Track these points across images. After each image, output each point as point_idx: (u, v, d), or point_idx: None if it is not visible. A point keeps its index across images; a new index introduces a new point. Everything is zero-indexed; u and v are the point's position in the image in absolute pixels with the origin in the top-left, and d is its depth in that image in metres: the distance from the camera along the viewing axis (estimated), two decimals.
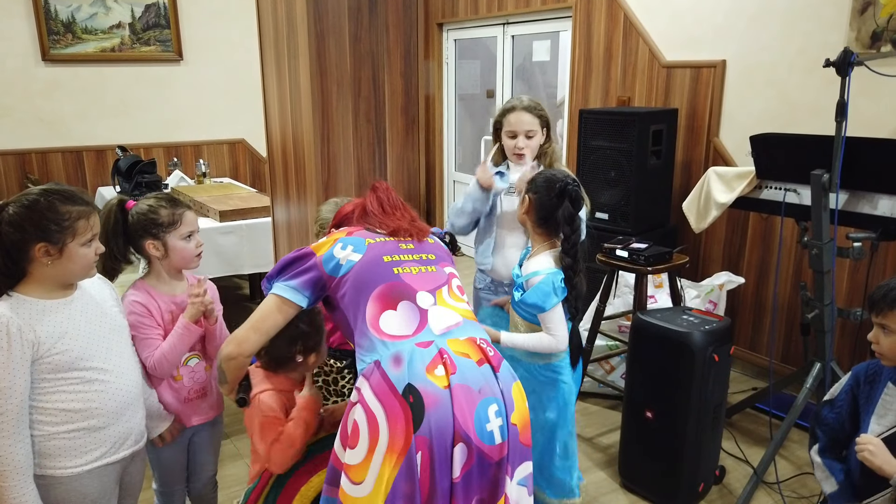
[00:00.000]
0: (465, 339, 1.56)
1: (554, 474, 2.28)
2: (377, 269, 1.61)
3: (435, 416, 1.40)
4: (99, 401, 1.65)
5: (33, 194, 1.58)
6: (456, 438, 1.42)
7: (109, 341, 1.71)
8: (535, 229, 2.14)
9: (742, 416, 3.28)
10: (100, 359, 1.66)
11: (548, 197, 2.07)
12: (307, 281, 1.63)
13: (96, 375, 1.65)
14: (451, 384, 1.44)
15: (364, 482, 1.41)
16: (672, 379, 2.50)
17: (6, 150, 5.47)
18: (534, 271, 2.07)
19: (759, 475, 2.64)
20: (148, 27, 5.78)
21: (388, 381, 1.45)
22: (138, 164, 4.50)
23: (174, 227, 1.94)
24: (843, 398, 1.82)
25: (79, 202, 1.61)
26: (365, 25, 2.55)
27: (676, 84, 3.93)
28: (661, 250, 3.07)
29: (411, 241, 1.72)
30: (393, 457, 1.39)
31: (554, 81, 5.32)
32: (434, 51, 6.09)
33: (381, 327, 1.55)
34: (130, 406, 1.74)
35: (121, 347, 1.75)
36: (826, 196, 2.49)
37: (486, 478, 1.47)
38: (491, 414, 1.46)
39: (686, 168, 3.95)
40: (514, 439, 1.51)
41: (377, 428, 1.42)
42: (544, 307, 2.03)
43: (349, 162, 2.64)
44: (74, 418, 1.62)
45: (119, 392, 1.70)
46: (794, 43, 3.37)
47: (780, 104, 3.48)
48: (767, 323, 3.66)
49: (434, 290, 1.63)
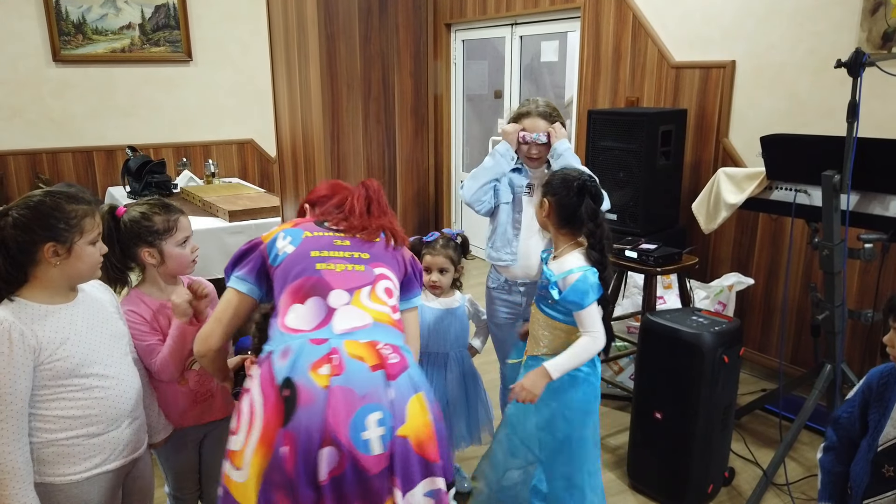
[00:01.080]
0: (366, 343, 1.51)
1: (584, 490, 2.20)
2: (301, 263, 1.63)
3: (306, 415, 1.37)
4: (98, 408, 1.64)
5: (37, 196, 1.59)
6: (325, 441, 1.36)
7: (110, 347, 1.70)
8: (558, 231, 2.11)
9: (751, 417, 3.27)
10: (100, 365, 1.65)
11: (567, 197, 2.05)
12: (254, 270, 1.69)
13: (96, 382, 1.64)
14: (330, 385, 1.39)
15: (242, 469, 1.40)
16: (681, 380, 2.50)
17: (18, 150, 5.51)
18: (568, 270, 2.04)
19: (768, 477, 2.64)
20: (158, 28, 5.81)
21: (271, 372, 1.44)
22: (148, 164, 4.52)
23: (170, 234, 1.91)
24: (856, 400, 1.83)
25: (82, 201, 1.61)
26: (375, 27, 2.56)
27: (686, 84, 3.92)
28: (670, 251, 3.06)
29: (348, 239, 1.71)
30: (263, 447, 1.38)
31: (562, 82, 5.32)
32: (442, 51, 6.09)
33: (285, 320, 1.56)
34: (130, 413, 1.73)
35: (121, 354, 1.74)
36: (837, 197, 2.48)
37: (364, 488, 1.40)
38: (371, 422, 1.39)
39: (695, 169, 3.94)
40: (403, 452, 1.42)
41: (254, 417, 1.41)
42: (582, 304, 2.00)
43: (359, 162, 2.65)
44: (74, 425, 1.61)
45: (119, 399, 1.69)
46: (804, 43, 3.36)
47: (790, 105, 3.46)
48: (777, 324, 3.65)
49: (353, 290, 1.61)
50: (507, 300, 2.55)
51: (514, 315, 2.55)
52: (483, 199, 2.50)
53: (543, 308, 2.15)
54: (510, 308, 2.55)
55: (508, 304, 2.55)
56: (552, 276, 2.08)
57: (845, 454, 1.84)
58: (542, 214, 2.13)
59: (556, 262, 2.12)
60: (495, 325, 2.62)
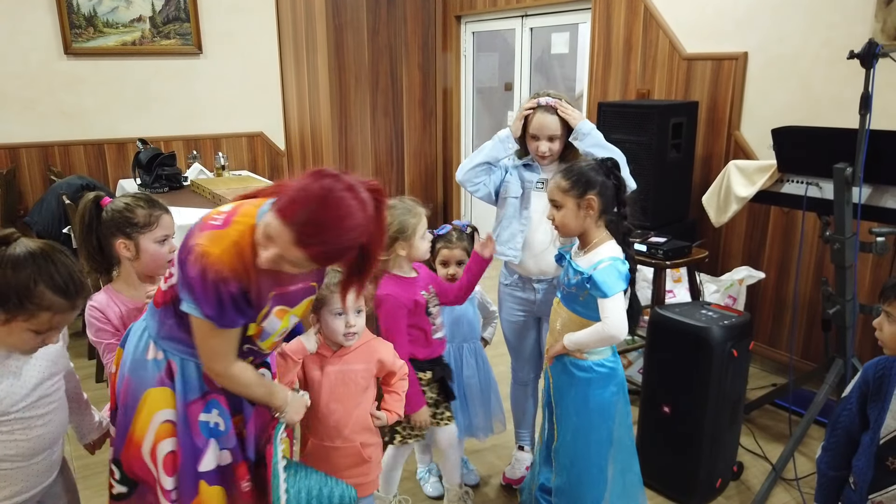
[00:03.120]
0: None
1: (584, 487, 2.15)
2: None
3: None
4: (15, 449, 1.51)
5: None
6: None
7: (47, 388, 1.57)
8: (596, 224, 2.04)
9: (761, 412, 3.25)
10: (31, 408, 1.52)
11: (605, 184, 2.00)
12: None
13: (18, 427, 1.50)
14: None
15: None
16: (690, 374, 2.49)
17: (30, 142, 5.53)
18: (598, 261, 1.99)
19: (777, 471, 2.62)
20: (168, 21, 5.82)
21: None
22: (158, 156, 4.54)
23: (149, 229, 1.87)
24: (853, 396, 1.82)
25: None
26: (383, 18, 2.55)
27: (697, 76, 3.88)
28: (680, 244, 3.05)
29: None
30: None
31: (573, 74, 5.29)
32: (452, 43, 6.07)
33: None
34: (56, 442, 1.62)
35: (59, 384, 1.62)
36: (849, 190, 2.45)
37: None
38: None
39: (706, 161, 3.91)
40: None
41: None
42: (608, 293, 1.95)
43: (367, 154, 2.65)
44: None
45: (40, 439, 1.56)
46: (817, 34, 3.32)
47: (802, 97, 3.43)
48: (788, 318, 3.62)
49: None
50: (521, 297, 2.51)
51: (528, 313, 2.52)
52: (475, 180, 2.46)
53: (576, 308, 2.08)
54: (524, 306, 2.51)
55: (522, 301, 2.51)
56: (582, 269, 2.01)
57: (843, 455, 1.83)
58: (589, 214, 2.01)
59: (587, 256, 2.04)
60: (508, 324, 2.59)
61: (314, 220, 1.37)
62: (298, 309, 1.67)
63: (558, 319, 2.14)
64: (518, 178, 2.45)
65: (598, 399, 2.09)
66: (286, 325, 1.66)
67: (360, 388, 2.03)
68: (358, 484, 2.01)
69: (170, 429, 1.63)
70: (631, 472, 2.23)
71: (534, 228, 2.41)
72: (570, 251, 2.14)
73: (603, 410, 2.10)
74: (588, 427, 2.11)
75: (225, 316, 1.49)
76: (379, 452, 2.14)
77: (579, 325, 2.06)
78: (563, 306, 2.12)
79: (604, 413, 2.10)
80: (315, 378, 2.00)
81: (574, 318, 2.08)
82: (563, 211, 2.03)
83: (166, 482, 1.63)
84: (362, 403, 2.03)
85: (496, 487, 2.75)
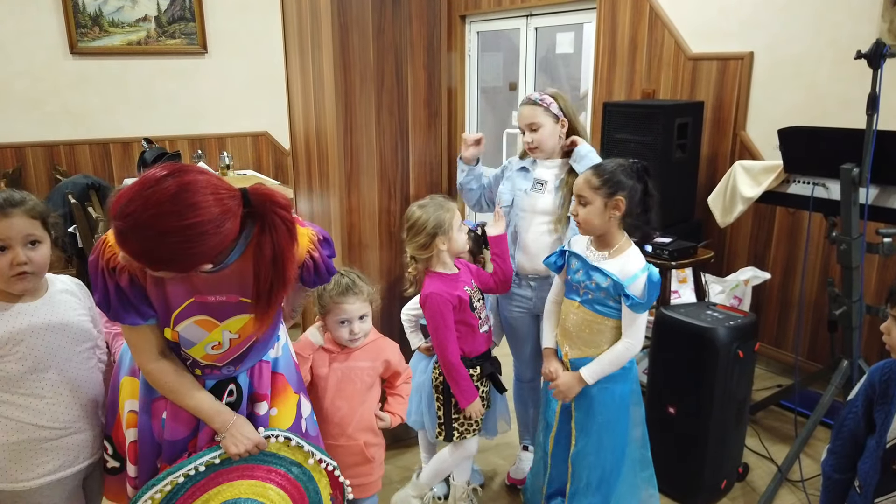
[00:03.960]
0: None
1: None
2: None
3: None
4: (50, 413, 1.61)
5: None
6: None
7: (69, 352, 1.65)
8: (618, 226, 2.02)
9: (767, 413, 3.24)
10: (55, 370, 1.62)
11: (635, 186, 1.99)
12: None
13: (48, 388, 1.60)
14: None
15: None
16: (695, 375, 2.48)
17: (35, 142, 5.56)
18: (634, 274, 1.97)
19: (783, 473, 2.61)
20: (173, 20, 5.83)
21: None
22: (163, 155, 4.55)
23: None
24: (858, 400, 1.81)
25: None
26: (388, 17, 2.55)
27: (703, 76, 3.87)
28: (685, 245, 3.04)
29: None
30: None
31: (577, 74, 5.28)
32: (457, 43, 6.07)
33: None
34: (85, 418, 1.69)
35: (80, 359, 1.69)
36: (856, 191, 2.44)
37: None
38: None
39: (711, 162, 3.90)
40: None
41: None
42: (641, 311, 1.96)
43: (372, 154, 2.64)
44: (23, 429, 1.58)
45: (73, 405, 1.66)
46: (824, 34, 3.31)
47: (809, 97, 3.42)
48: (794, 319, 3.61)
49: None
50: (518, 294, 2.52)
51: (525, 309, 2.52)
52: (475, 205, 2.64)
53: (599, 308, 2.04)
54: (521, 303, 2.52)
55: (519, 298, 2.52)
56: (616, 277, 1.97)
57: (848, 458, 1.82)
58: (615, 215, 2.00)
59: (616, 262, 2.01)
60: (508, 320, 2.60)
61: (124, 212, 1.24)
62: (232, 324, 1.55)
63: (577, 322, 2.10)
64: (510, 186, 2.48)
65: (621, 395, 2.11)
66: (217, 339, 1.56)
67: (366, 385, 2.03)
68: (361, 484, 2.01)
69: (134, 419, 1.65)
70: (646, 472, 2.24)
71: (524, 229, 2.42)
72: (580, 251, 2.11)
73: (624, 406, 2.11)
74: (612, 424, 2.11)
75: (110, 308, 1.44)
76: (382, 453, 2.14)
77: (599, 324, 2.05)
78: (585, 308, 2.08)
79: (624, 409, 2.11)
80: (322, 375, 2.01)
81: (600, 319, 2.05)
82: (589, 208, 2.00)
83: (130, 469, 1.68)
84: (367, 401, 2.03)
85: (500, 487, 2.74)
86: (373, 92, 2.58)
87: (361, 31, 2.50)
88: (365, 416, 2.03)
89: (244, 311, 1.53)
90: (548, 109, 2.35)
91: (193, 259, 1.31)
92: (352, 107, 2.55)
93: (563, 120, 2.38)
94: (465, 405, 2.22)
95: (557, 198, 2.36)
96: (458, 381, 2.20)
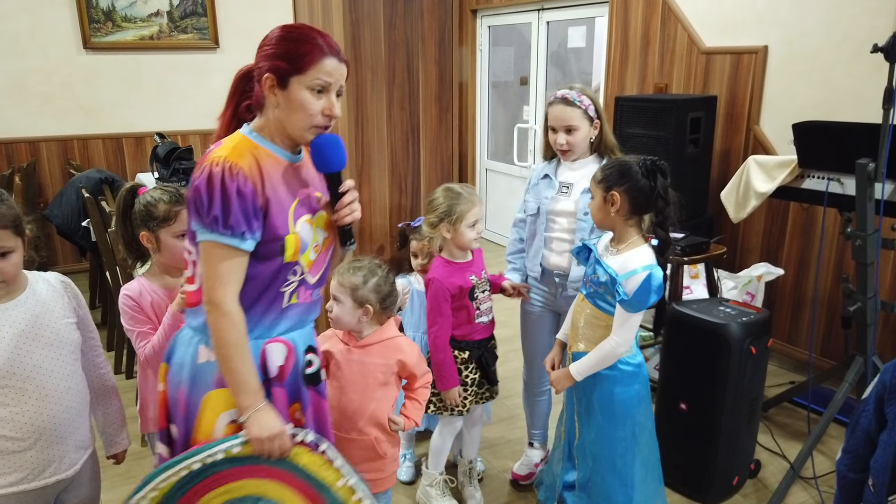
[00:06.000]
0: None
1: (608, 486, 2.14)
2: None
3: None
4: (13, 423, 1.53)
5: None
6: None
7: (40, 357, 1.57)
8: (626, 222, 1.99)
9: (779, 410, 3.22)
10: (18, 378, 1.54)
11: (638, 182, 1.94)
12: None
13: (10, 396, 1.53)
14: None
15: None
16: (707, 371, 2.47)
17: (49, 136, 5.59)
18: (633, 270, 1.93)
19: (795, 470, 2.60)
20: (185, 15, 5.85)
21: None
22: (176, 150, 4.57)
23: (167, 224, 1.89)
24: (871, 399, 1.79)
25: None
26: (400, 12, 2.54)
27: (716, 70, 3.84)
28: (697, 240, 3.02)
29: None
30: None
31: (589, 68, 5.25)
32: (468, 37, 6.05)
33: None
34: (55, 430, 1.61)
35: (54, 365, 1.60)
36: (871, 186, 2.42)
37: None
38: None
39: (725, 157, 3.87)
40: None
41: None
42: (641, 307, 1.93)
43: (383, 149, 2.64)
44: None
45: (40, 415, 1.57)
46: (839, 28, 3.27)
47: (824, 91, 3.38)
48: (807, 315, 3.58)
49: None
50: (541, 288, 2.49)
51: (545, 305, 2.50)
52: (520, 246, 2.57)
53: (599, 303, 2.04)
54: (542, 296, 2.49)
55: (542, 293, 2.49)
56: (615, 274, 1.95)
57: (863, 457, 1.81)
58: (613, 210, 1.97)
59: (620, 257, 1.98)
60: (525, 314, 2.58)
61: (286, 32, 1.62)
62: (319, 220, 1.61)
63: (581, 316, 2.10)
64: (535, 195, 2.43)
65: (623, 397, 2.07)
66: (316, 239, 1.59)
67: (378, 382, 2.03)
68: (374, 479, 2.01)
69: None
70: (654, 472, 2.22)
71: (550, 229, 2.39)
72: (596, 244, 2.10)
73: (627, 409, 2.08)
74: (612, 425, 2.09)
75: (231, 214, 1.42)
76: (396, 450, 2.14)
77: (604, 323, 2.04)
78: (588, 302, 2.08)
79: (627, 411, 2.08)
80: (337, 366, 2.02)
81: (599, 315, 2.05)
82: (592, 202, 2.04)
83: None
84: (380, 399, 2.03)
85: (505, 483, 2.74)
86: (384, 87, 2.58)
87: (373, 25, 2.50)
88: (377, 413, 2.03)
89: (321, 208, 1.63)
90: (586, 112, 2.27)
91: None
92: (363, 102, 2.55)
93: (597, 122, 2.32)
94: (442, 389, 2.32)
95: (585, 198, 2.28)
96: (441, 366, 2.30)
